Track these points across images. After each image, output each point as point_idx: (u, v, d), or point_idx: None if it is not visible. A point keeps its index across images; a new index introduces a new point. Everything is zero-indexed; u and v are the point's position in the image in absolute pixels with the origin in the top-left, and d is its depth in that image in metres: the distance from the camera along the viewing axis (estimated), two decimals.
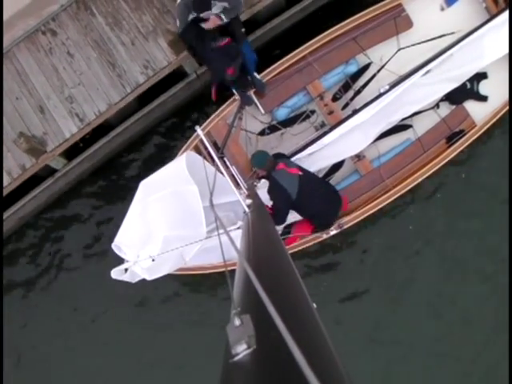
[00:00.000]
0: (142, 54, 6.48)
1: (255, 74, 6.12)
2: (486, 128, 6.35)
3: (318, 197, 5.55)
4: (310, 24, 6.99)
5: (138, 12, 6.52)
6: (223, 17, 5.51)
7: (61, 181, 7.00)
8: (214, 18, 5.48)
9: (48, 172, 6.85)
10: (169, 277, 5.73)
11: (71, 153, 6.83)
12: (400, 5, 6.37)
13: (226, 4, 5.44)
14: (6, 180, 6.52)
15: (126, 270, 5.16)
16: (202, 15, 5.42)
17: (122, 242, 5.18)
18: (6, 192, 6.59)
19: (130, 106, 6.66)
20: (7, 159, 6.49)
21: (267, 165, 5.45)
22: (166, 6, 6.46)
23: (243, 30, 5.94)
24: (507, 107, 6.32)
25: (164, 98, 6.87)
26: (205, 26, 5.52)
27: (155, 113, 6.99)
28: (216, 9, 5.42)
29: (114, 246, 5.18)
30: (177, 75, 6.72)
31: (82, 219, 7.38)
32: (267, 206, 5.37)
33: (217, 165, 4.97)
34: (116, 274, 5.09)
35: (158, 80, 6.54)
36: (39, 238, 7.39)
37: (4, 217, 6.82)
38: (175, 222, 4.99)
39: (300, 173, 5.44)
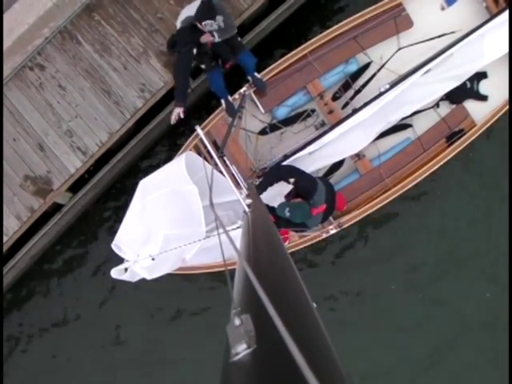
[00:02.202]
0: (137, 77, 6.37)
1: (255, 73, 6.14)
2: (485, 127, 6.35)
3: None
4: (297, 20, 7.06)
5: (126, 35, 6.40)
6: (216, 35, 5.63)
7: (68, 214, 6.91)
8: (207, 34, 5.61)
9: (54, 208, 6.73)
10: (168, 276, 5.74)
11: (76, 185, 6.69)
12: (400, 4, 6.37)
13: (222, 18, 5.55)
14: (15, 224, 6.42)
15: (126, 269, 5.16)
16: (203, 23, 5.52)
17: (122, 241, 5.18)
18: (16, 236, 6.50)
19: (128, 130, 6.56)
20: (14, 204, 6.39)
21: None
22: (154, 25, 6.37)
23: (239, 39, 6.04)
24: (507, 107, 6.31)
25: (161, 117, 6.76)
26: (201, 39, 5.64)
27: (154, 132, 6.89)
28: (217, 19, 5.53)
29: (113, 245, 5.18)
30: (171, 92, 6.54)
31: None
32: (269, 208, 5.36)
33: (216, 164, 4.96)
34: (116, 273, 5.09)
35: (156, 101, 6.47)
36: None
37: (17, 258, 6.73)
38: (175, 221, 4.99)
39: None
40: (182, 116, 5.76)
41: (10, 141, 6.38)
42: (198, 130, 5.31)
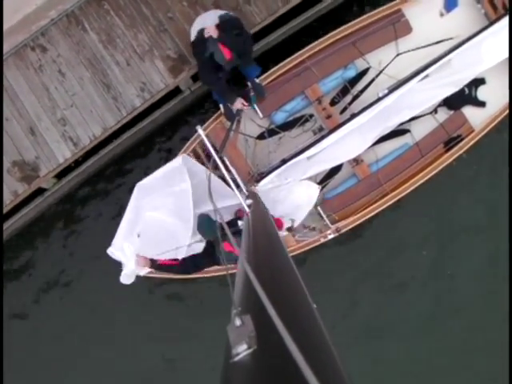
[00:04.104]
0: (138, 75, 6.25)
1: (255, 79, 6.14)
2: (483, 133, 6.37)
3: None
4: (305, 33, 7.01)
5: (133, 30, 6.27)
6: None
7: (50, 198, 6.90)
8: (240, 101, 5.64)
9: (37, 190, 6.65)
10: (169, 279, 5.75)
11: (62, 172, 6.62)
12: (399, 10, 6.39)
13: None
14: None
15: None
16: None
17: (116, 246, 5.16)
18: None
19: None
20: None
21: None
22: (163, 24, 6.25)
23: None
24: (506, 112, 6.35)
25: (157, 115, 6.74)
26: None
27: (147, 128, 6.85)
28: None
29: (108, 251, 5.17)
30: (171, 92, 6.59)
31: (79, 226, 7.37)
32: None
33: (215, 165, 4.97)
34: (126, 279, 5.10)
35: (154, 101, 6.42)
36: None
37: None
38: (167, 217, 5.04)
39: None
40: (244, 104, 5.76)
41: (2, 120, 6.25)
42: (200, 130, 5.29)
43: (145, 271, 5.42)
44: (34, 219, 7.14)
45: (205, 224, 4.96)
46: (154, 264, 5.04)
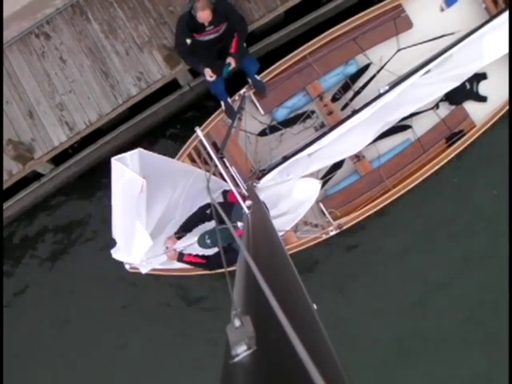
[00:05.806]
0: (136, 65, 6.39)
1: (255, 75, 6.14)
2: (485, 128, 6.37)
3: None
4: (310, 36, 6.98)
5: (134, 21, 6.43)
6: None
7: (47, 185, 6.96)
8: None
9: (34, 175, 6.77)
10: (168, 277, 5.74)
11: (58, 158, 6.73)
12: (400, 5, 6.39)
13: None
14: None
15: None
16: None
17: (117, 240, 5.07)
18: None
19: (120, 114, 6.58)
20: None
21: None
22: (163, 17, 6.38)
23: (245, 44, 6.03)
24: (507, 107, 6.33)
25: (156, 109, 6.81)
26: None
27: (146, 122, 6.92)
28: None
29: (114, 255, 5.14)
30: (170, 86, 6.65)
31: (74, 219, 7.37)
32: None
33: (216, 165, 4.96)
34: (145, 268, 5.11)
35: (151, 92, 6.49)
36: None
37: None
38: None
39: None
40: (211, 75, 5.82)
41: (3, 102, 6.41)
42: (198, 131, 5.29)
43: (148, 268, 5.41)
44: (31, 206, 7.18)
45: (217, 236, 4.83)
46: (181, 258, 5.00)
